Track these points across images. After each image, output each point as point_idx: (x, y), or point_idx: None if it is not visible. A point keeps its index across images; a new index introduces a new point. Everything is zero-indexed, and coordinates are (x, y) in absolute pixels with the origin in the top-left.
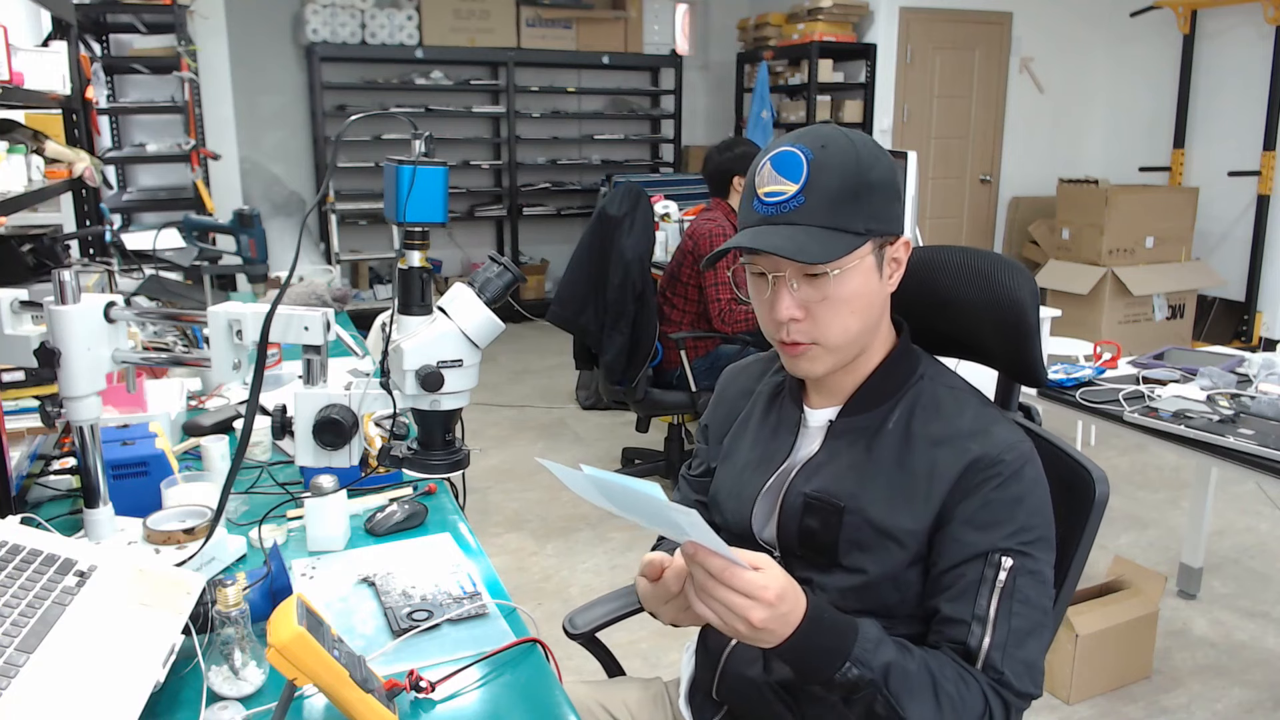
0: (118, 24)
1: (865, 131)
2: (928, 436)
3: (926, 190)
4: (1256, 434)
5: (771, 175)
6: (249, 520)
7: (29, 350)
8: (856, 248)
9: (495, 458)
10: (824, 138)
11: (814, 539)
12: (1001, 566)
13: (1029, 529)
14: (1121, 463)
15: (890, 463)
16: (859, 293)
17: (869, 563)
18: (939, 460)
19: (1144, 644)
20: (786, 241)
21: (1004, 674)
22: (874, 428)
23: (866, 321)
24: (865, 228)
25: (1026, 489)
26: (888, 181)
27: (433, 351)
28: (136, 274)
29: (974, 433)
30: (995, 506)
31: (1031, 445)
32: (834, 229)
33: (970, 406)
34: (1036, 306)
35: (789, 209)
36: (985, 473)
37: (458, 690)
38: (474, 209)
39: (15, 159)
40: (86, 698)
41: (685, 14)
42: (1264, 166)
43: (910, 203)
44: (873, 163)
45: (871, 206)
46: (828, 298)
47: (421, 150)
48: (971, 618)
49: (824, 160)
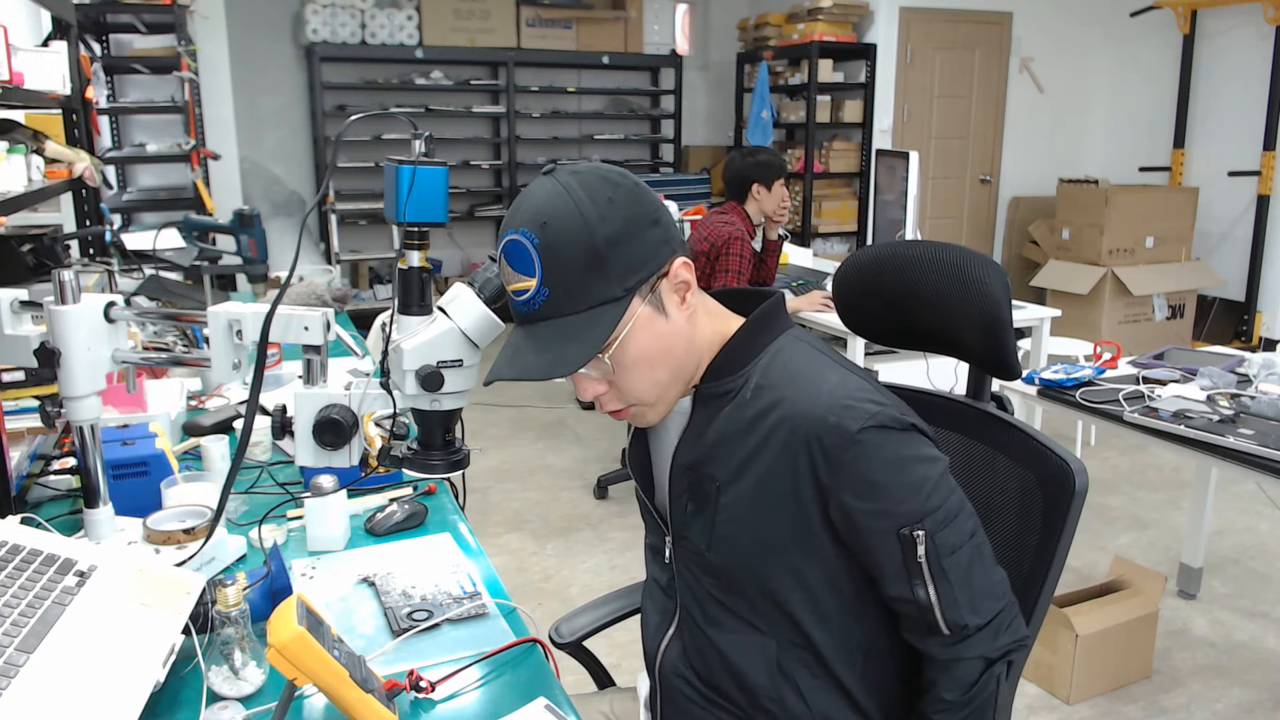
0: (118, 24)
1: (865, 132)
2: (782, 406)
3: (926, 190)
4: (1256, 434)
5: (510, 272)
6: (249, 520)
7: (29, 350)
8: (619, 317)
9: (495, 458)
10: (544, 211)
11: (696, 517)
12: (918, 541)
13: (918, 488)
14: (1121, 463)
15: (749, 432)
16: (647, 348)
17: (740, 543)
18: (795, 432)
19: (1144, 644)
20: (542, 356)
21: (967, 624)
22: (735, 391)
23: (671, 364)
24: (623, 288)
25: (904, 451)
26: (629, 220)
27: (433, 351)
28: (136, 274)
29: (830, 406)
30: (878, 480)
31: (893, 406)
32: (589, 308)
33: (831, 375)
34: (1009, 300)
35: (538, 305)
36: (849, 450)
37: (458, 690)
38: (474, 209)
39: (15, 159)
40: (86, 698)
41: (685, 14)
42: (1264, 166)
43: (911, 203)
44: (604, 212)
45: (620, 262)
46: (618, 367)
47: (421, 150)
48: (912, 595)
49: (550, 241)
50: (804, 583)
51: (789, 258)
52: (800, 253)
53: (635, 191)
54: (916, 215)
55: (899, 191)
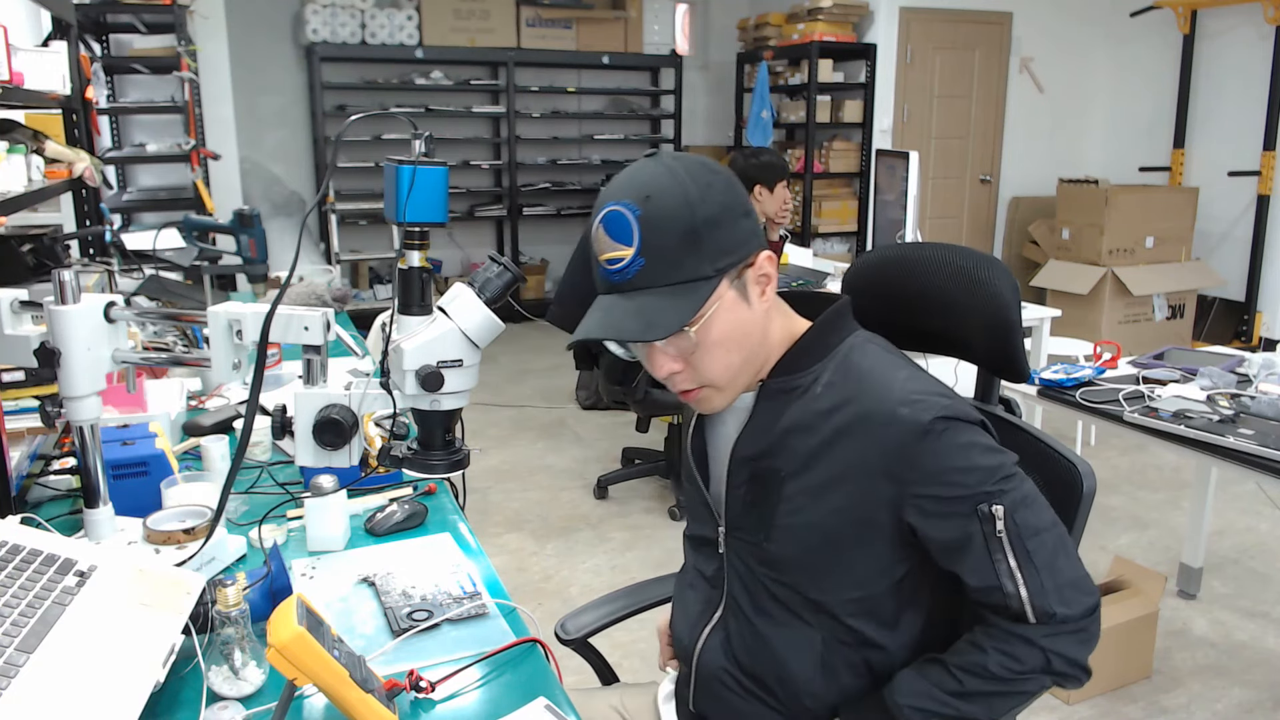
0: (118, 24)
1: (865, 132)
2: (856, 402)
3: (926, 190)
4: (1256, 434)
5: (606, 241)
6: (249, 520)
7: (29, 350)
8: (709, 295)
9: (495, 458)
10: (648, 186)
11: (756, 509)
12: (996, 516)
13: (991, 470)
14: (1121, 463)
15: (820, 428)
16: (729, 330)
17: (803, 536)
18: (869, 425)
19: (1144, 644)
20: (633, 320)
21: (1055, 613)
22: (804, 387)
23: (746, 350)
24: (714, 268)
25: (972, 440)
26: (725, 205)
27: (433, 351)
28: (136, 274)
29: (903, 400)
30: (950, 467)
31: (962, 401)
32: (682, 283)
33: (902, 373)
34: (1018, 302)
35: (631, 274)
36: (922, 442)
37: (458, 690)
38: (474, 209)
39: (15, 159)
40: (86, 698)
41: (685, 14)
42: (1264, 166)
43: (911, 203)
44: (704, 194)
45: (715, 243)
46: (699, 346)
47: (421, 150)
48: (998, 581)
49: (652, 214)
50: (860, 579)
51: (789, 258)
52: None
53: (732, 181)
54: (916, 215)
55: (899, 191)
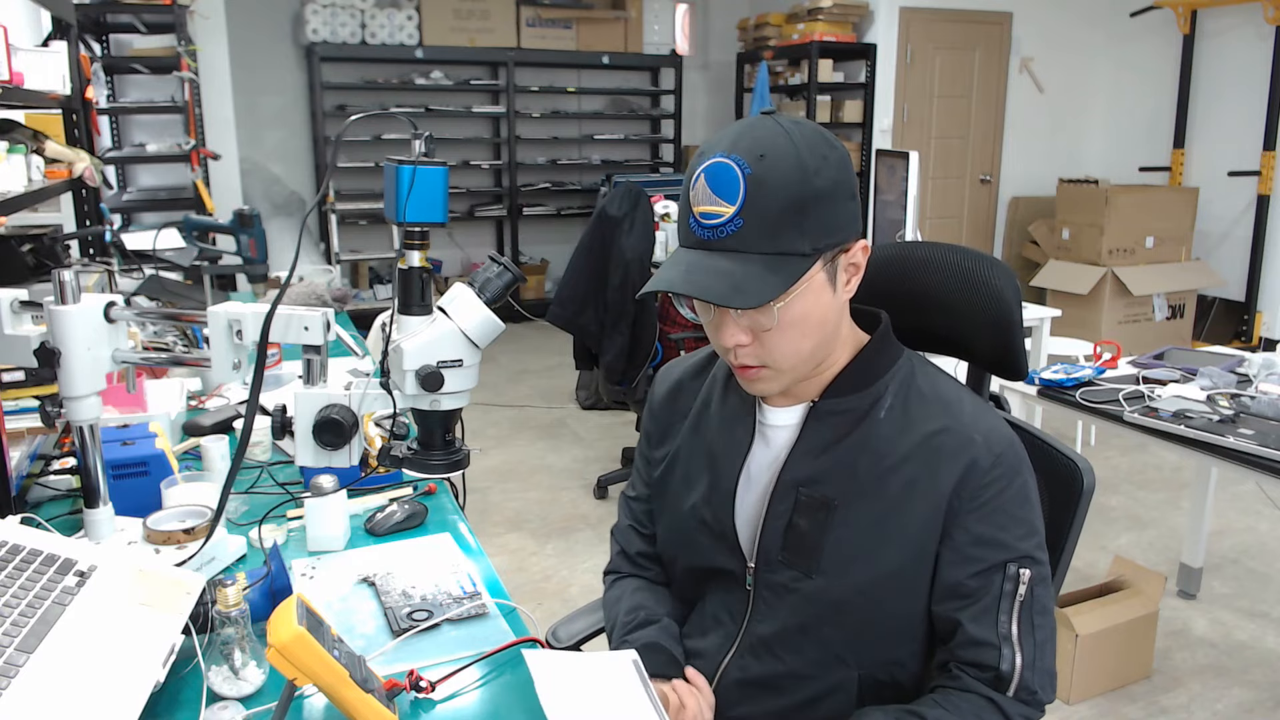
0: (118, 24)
1: (865, 132)
2: (926, 426)
3: (926, 190)
4: (1256, 434)
5: (706, 193)
6: (249, 520)
7: (29, 350)
8: (803, 273)
9: (495, 458)
10: (763, 144)
11: (801, 540)
12: (1021, 580)
13: (1035, 532)
14: (1121, 463)
15: (885, 453)
16: (808, 314)
17: (855, 569)
18: (941, 452)
19: (1144, 644)
20: (720, 282)
21: (1036, 693)
22: (863, 411)
23: (820, 339)
24: (812, 246)
25: (1029, 487)
26: (838, 183)
27: (433, 351)
28: (136, 274)
29: (975, 426)
30: (1006, 509)
31: (1019, 442)
32: (777, 254)
33: (966, 398)
34: (1019, 301)
35: (726, 234)
36: (992, 472)
37: (458, 690)
38: (474, 209)
39: (15, 159)
40: (86, 698)
41: (685, 14)
42: (1264, 166)
43: (911, 203)
44: (819, 166)
45: (819, 220)
46: (775, 324)
47: (421, 150)
48: (998, 639)
49: (763, 175)
50: (911, 610)
51: None
52: None
53: (845, 159)
54: (916, 215)
55: (899, 191)
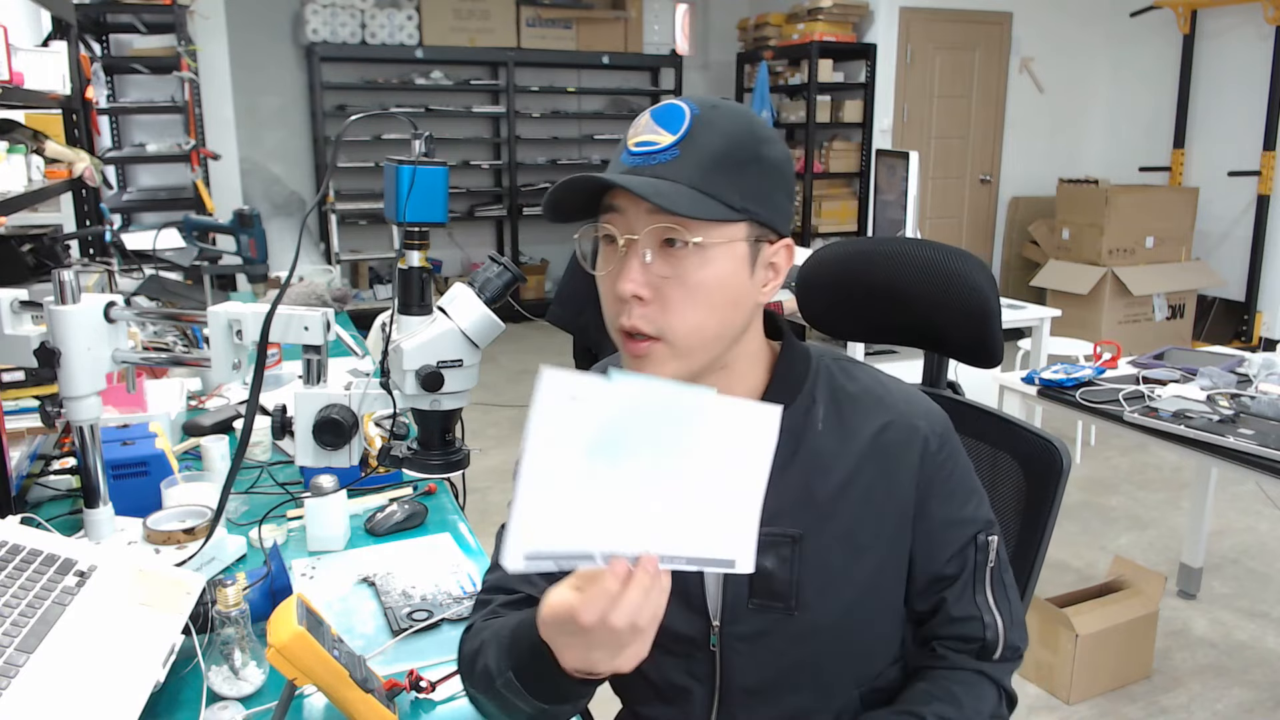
0: (118, 24)
1: (865, 132)
2: (867, 427)
3: (926, 190)
4: (1256, 434)
5: (648, 125)
6: (249, 520)
7: (29, 350)
8: (725, 218)
9: (495, 458)
10: (721, 104)
11: (770, 582)
12: (990, 547)
13: (979, 490)
14: (1122, 463)
15: (835, 468)
16: (721, 282)
17: (838, 591)
18: (891, 450)
19: (1144, 644)
20: (643, 186)
21: (1018, 647)
22: (799, 426)
23: (724, 323)
24: (743, 205)
25: (961, 449)
26: (781, 169)
27: (433, 351)
28: (136, 274)
29: (913, 412)
30: (960, 482)
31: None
32: (706, 194)
33: (889, 383)
34: (995, 291)
35: (658, 161)
36: (941, 453)
37: (458, 690)
38: (474, 209)
39: (15, 159)
40: (86, 698)
41: (685, 14)
42: (1264, 166)
43: (911, 203)
44: (769, 139)
45: (757, 185)
46: (683, 278)
47: (421, 150)
48: (979, 610)
49: (711, 118)
50: (894, 613)
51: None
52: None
53: (792, 166)
54: (916, 215)
55: (899, 191)
